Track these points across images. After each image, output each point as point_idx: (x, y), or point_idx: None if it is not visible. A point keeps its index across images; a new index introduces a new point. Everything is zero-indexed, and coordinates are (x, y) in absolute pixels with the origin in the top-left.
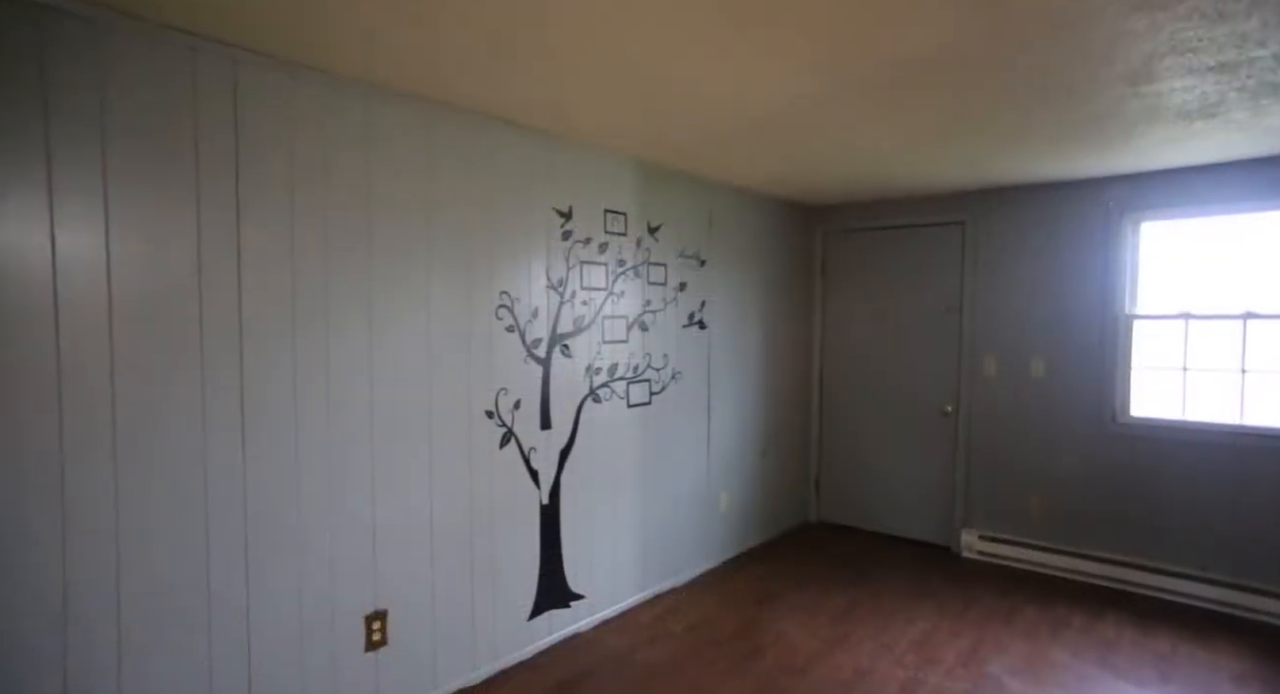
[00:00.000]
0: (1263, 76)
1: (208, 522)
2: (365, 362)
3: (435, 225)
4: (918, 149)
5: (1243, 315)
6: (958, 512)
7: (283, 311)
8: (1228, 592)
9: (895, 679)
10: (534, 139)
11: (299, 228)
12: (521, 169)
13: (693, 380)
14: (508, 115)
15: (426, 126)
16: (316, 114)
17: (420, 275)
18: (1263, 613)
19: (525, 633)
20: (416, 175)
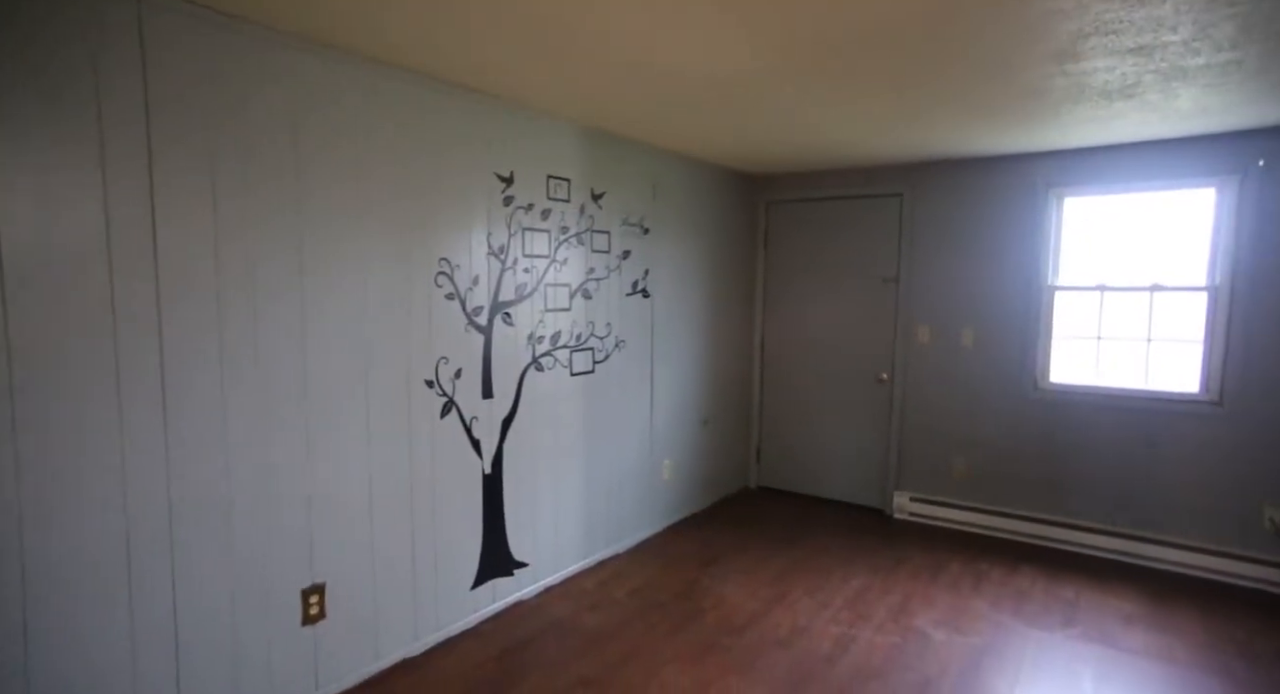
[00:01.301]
0: (1174, 61)
1: (126, 495)
2: (298, 329)
3: (371, 189)
4: (857, 121)
5: (1150, 287)
6: (891, 475)
7: (204, 275)
8: (1128, 542)
9: (830, 635)
10: (475, 101)
11: (222, 187)
12: (462, 132)
13: (636, 349)
14: (449, 76)
15: (365, 86)
16: (242, 68)
17: (356, 241)
18: (1155, 560)
19: (469, 602)
20: (353, 136)
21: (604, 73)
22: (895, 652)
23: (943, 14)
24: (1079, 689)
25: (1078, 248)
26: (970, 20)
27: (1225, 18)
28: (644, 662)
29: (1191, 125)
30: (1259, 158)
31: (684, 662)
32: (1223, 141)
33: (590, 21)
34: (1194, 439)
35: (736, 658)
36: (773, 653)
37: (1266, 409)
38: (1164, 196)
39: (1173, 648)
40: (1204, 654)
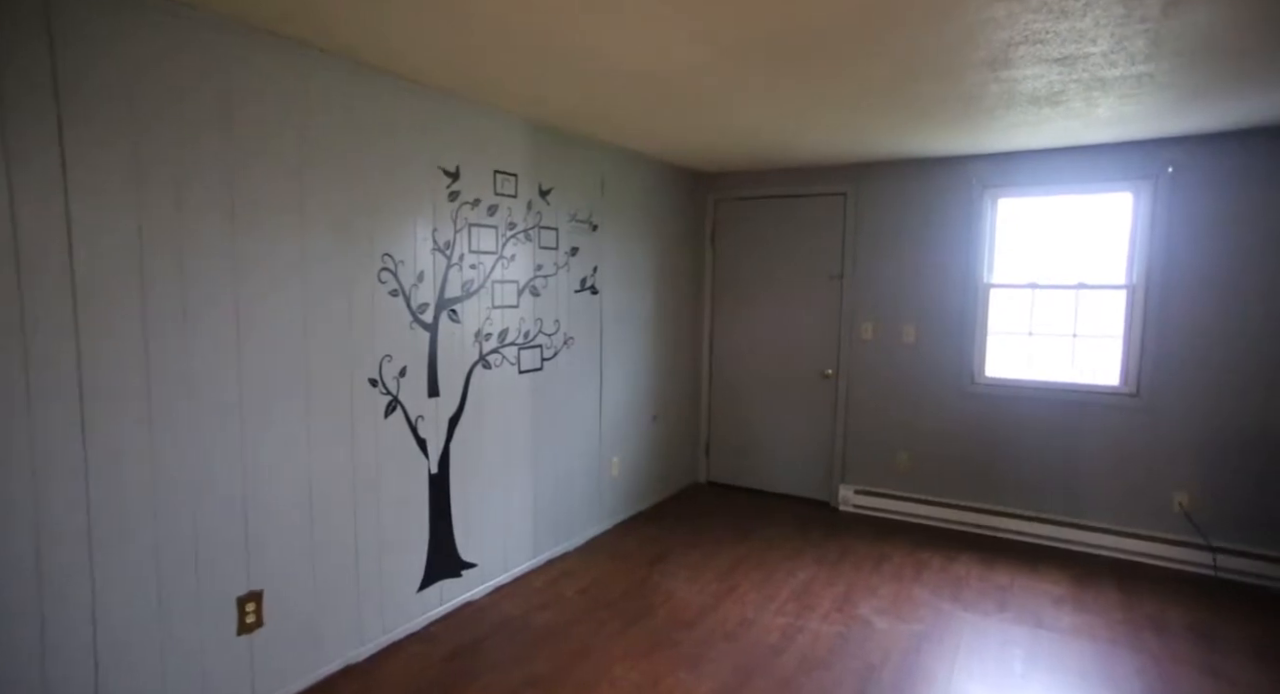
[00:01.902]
0: (1094, 71)
1: (36, 504)
2: (231, 327)
3: (310, 181)
4: (801, 120)
5: (1076, 286)
6: (836, 468)
7: (127, 273)
8: (1056, 528)
9: (777, 627)
10: (420, 94)
11: (146, 179)
12: (406, 126)
13: (585, 346)
14: (392, 68)
15: (301, 74)
16: (169, 54)
17: (293, 235)
18: (1081, 544)
19: (416, 604)
20: (288, 126)
21: (549, 68)
22: (840, 641)
23: (884, 19)
24: (1010, 670)
25: (1011, 247)
26: (910, 26)
27: (1138, 33)
28: (595, 659)
29: (1111, 133)
30: (1169, 165)
31: (634, 658)
32: (1138, 149)
33: (533, 17)
34: (1114, 429)
35: (686, 652)
36: (721, 646)
37: (1177, 400)
38: (1088, 199)
39: (1094, 626)
40: (1121, 630)
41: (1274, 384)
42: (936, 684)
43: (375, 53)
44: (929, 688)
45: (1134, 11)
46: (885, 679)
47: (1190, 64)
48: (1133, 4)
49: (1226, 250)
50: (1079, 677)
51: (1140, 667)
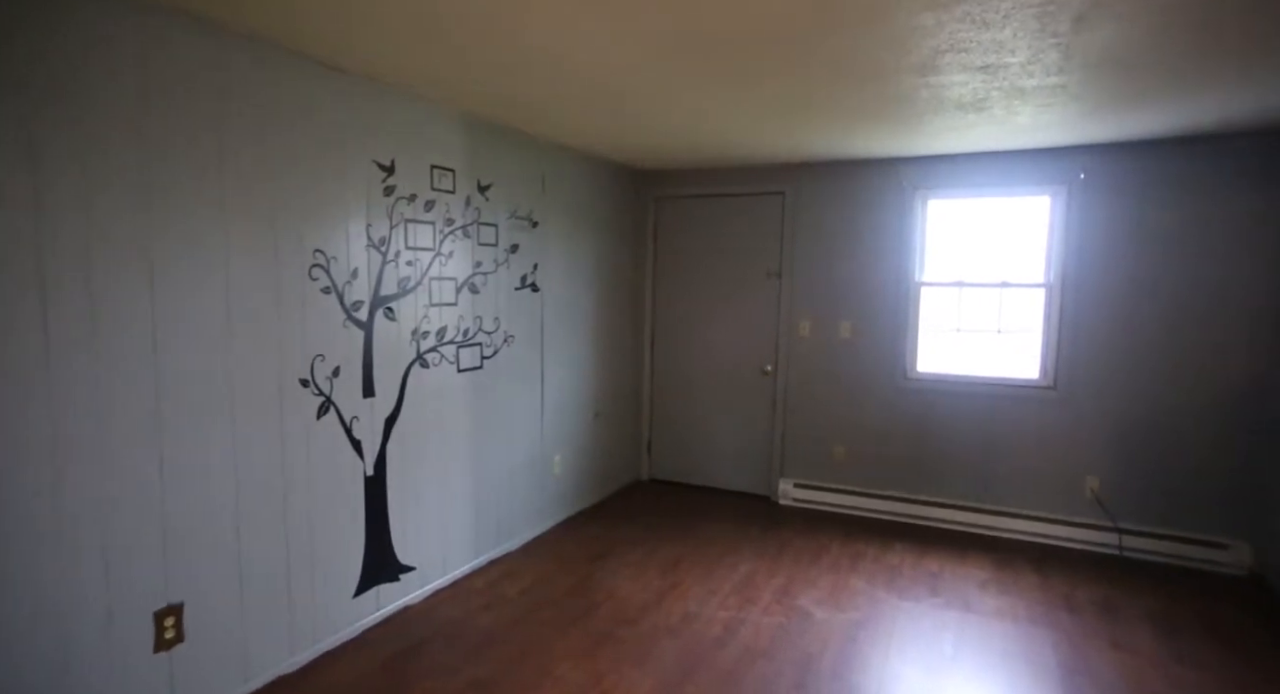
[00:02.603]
0: (1014, 80)
1: None
2: (146, 327)
3: (236, 175)
4: (737, 121)
5: (1000, 284)
6: (775, 463)
7: (23, 274)
8: (983, 516)
9: (719, 620)
10: (352, 85)
11: (46, 172)
12: (337, 117)
13: (526, 344)
14: (320, 56)
15: (225, 62)
16: (68, 33)
17: (217, 231)
18: (1005, 530)
19: (351, 611)
20: (204, 115)
21: (484, 63)
22: (780, 632)
23: (817, 22)
24: (940, 652)
25: (940, 247)
26: (842, 30)
27: (1051, 46)
28: (538, 659)
29: (1030, 139)
30: (1081, 171)
31: (578, 656)
32: (1054, 155)
33: (470, 8)
34: (1034, 420)
35: (630, 649)
36: (664, 641)
37: (1089, 392)
38: (1011, 201)
39: (1015, 607)
40: (1038, 610)
41: (1173, 377)
42: (872, 670)
43: (301, 40)
44: (865, 674)
45: (1047, 26)
46: (824, 668)
47: (1097, 77)
48: (1046, 19)
49: (1131, 252)
50: (1002, 656)
51: (1055, 642)
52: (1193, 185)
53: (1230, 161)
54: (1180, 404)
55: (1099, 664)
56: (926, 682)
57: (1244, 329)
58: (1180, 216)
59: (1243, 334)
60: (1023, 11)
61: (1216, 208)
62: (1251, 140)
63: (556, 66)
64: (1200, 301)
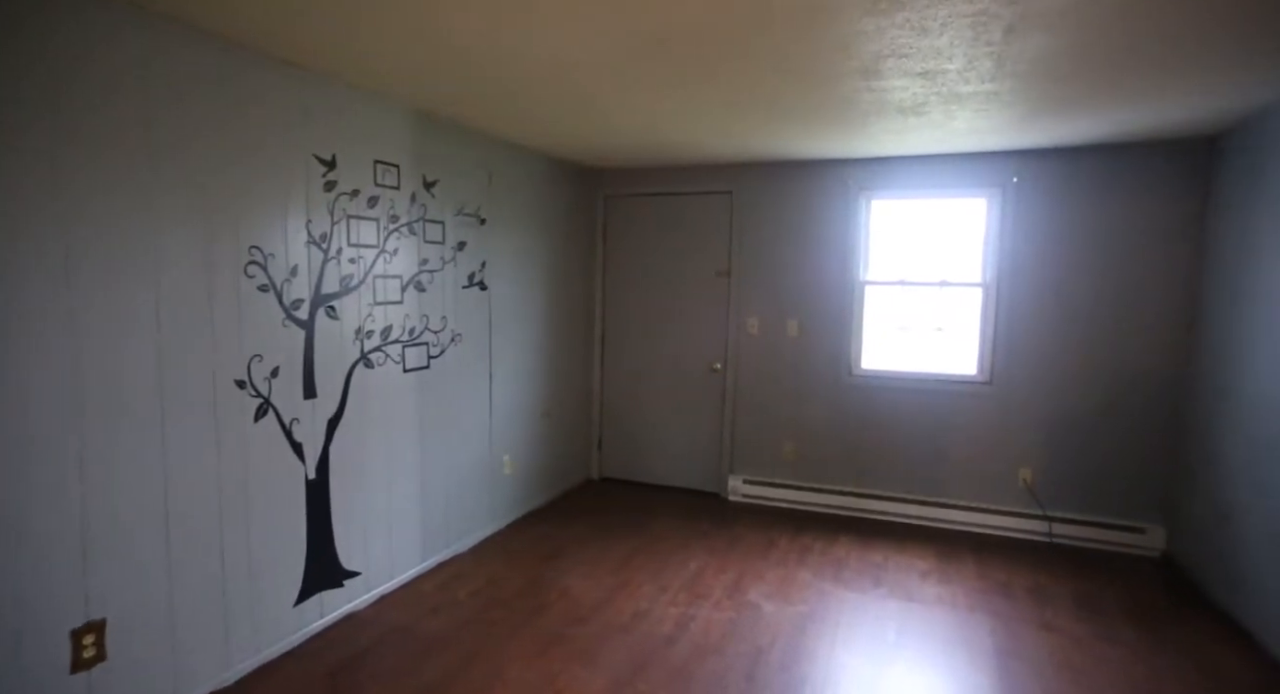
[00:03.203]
0: (951, 86)
1: None
2: (63, 327)
3: (167, 168)
4: (685, 120)
5: (940, 283)
6: (725, 460)
7: None
8: (924, 507)
9: (670, 617)
10: (292, 76)
11: None
12: (276, 110)
13: (474, 343)
14: (258, 45)
15: (147, 45)
16: None
17: (146, 226)
18: (945, 521)
19: (292, 620)
20: (129, 101)
21: (432, 55)
22: (730, 626)
23: (762, 24)
24: (885, 640)
25: (884, 246)
26: (787, 33)
27: (985, 54)
28: (488, 662)
29: (967, 143)
30: (1014, 175)
31: (529, 657)
32: (990, 159)
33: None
34: (972, 415)
35: (581, 648)
36: (616, 639)
37: (1022, 387)
38: (951, 203)
39: (955, 595)
40: (976, 597)
41: (1098, 373)
42: (819, 661)
43: (235, 28)
44: (813, 665)
45: (981, 35)
46: (773, 660)
47: (1028, 85)
48: (980, 28)
49: (1061, 254)
50: (943, 642)
51: (991, 628)
52: (1117, 191)
53: (1151, 170)
54: (1104, 399)
55: (1031, 646)
56: (871, 670)
57: (1160, 329)
58: (1105, 220)
59: (1159, 334)
60: (958, 20)
61: (1138, 213)
62: (1170, 150)
63: (503, 63)
64: (1122, 302)
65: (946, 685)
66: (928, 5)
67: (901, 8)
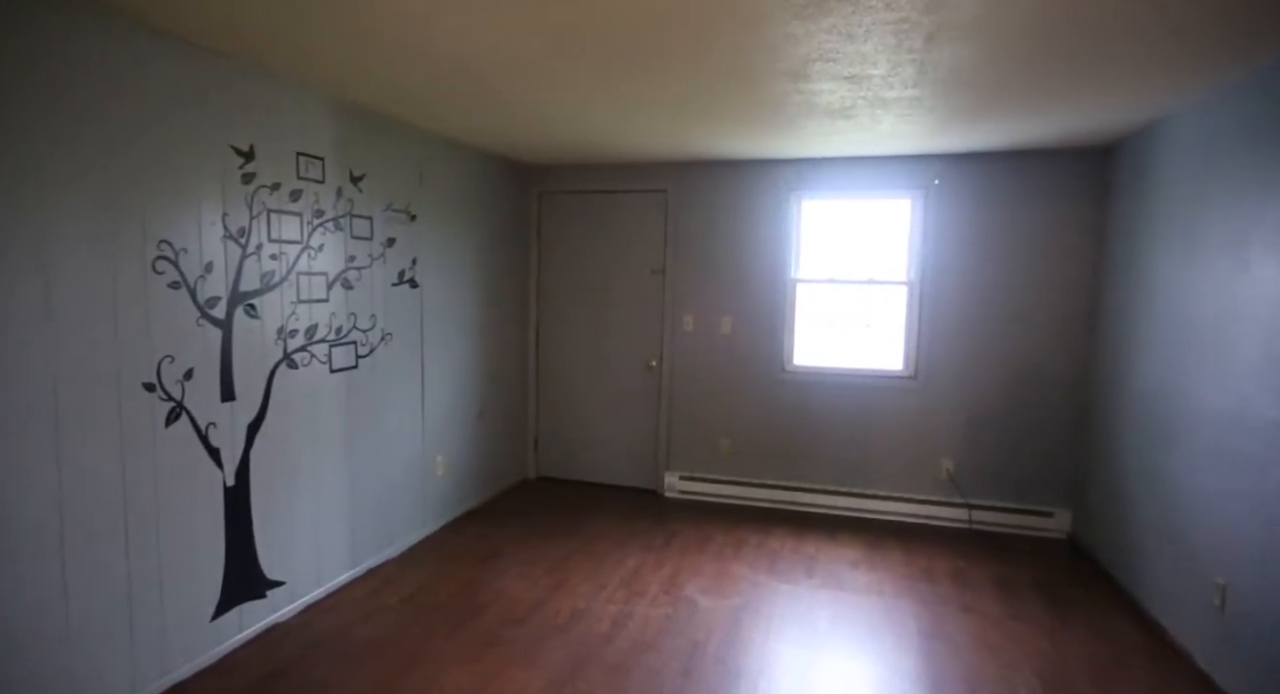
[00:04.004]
0: (876, 91)
1: None
2: None
3: (63, 156)
4: (619, 118)
5: (868, 281)
6: (662, 457)
7: None
8: (855, 499)
9: (607, 615)
10: (205, 62)
11: None
12: (185, 96)
13: (405, 342)
14: (167, 27)
15: (54, 25)
16: None
17: (36, 217)
18: (874, 512)
19: (209, 635)
20: (35, 90)
21: (353, 48)
22: (667, 622)
23: (694, 25)
24: (816, 629)
25: (815, 245)
26: (718, 34)
27: (907, 61)
28: (424, 668)
29: (893, 146)
30: (935, 178)
31: (466, 661)
32: (914, 162)
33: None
34: (898, 409)
35: (518, 649)
36: (553, 639)
37: (945, 381)
38: (878, 203)
39: (882, 583)
40: (902, 584)
41: (1011, 368)
42: (754, 651)
43: (149, 11)
44: (748, 656)
45: (903, 42)
46: (709, 653)
47: (947, 92)
48: (902, 35)
49: (978, 254)
50: (870, 628)
51: (916, 612)
52: (1026, 196)
53: (1055, 176)
54: (1017, 392)
55: (952, 628)
56: (803, 658)
57: (1066, 327)
58: (1016, 223)
59: (1065, 332)
60: (882, 27)
61: (1045, 217)
62: (1071, 158)
63: (439, 58)
64: (1033, 301)
65: (874, 669)
66: (852, 12)
67: (827, 13)
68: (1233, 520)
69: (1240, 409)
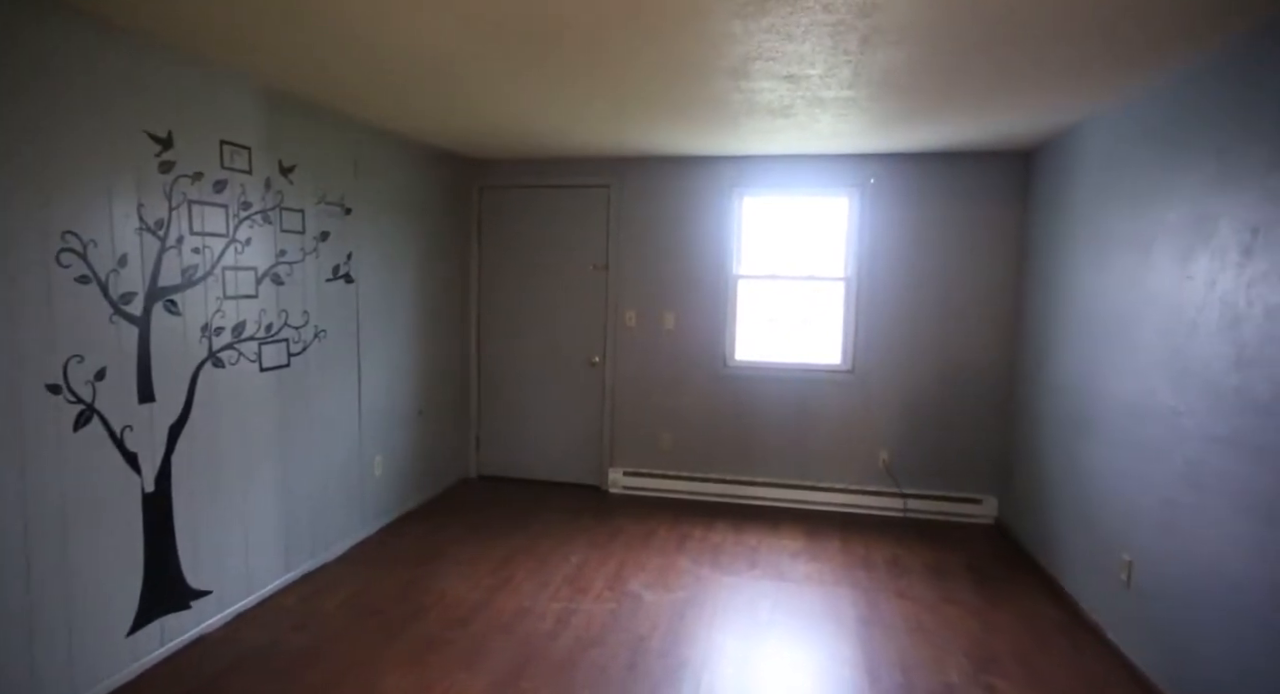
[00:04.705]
0: (814, 91)
1: None
2: None
3: None
4: (562, 113)
5: (808, 277)
6: (605, 453)
7: None
8: (794, 491)
9: (552, 613)
10: (116, 40)
11: None
12: (94, 77)
13: (340, 339)
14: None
15: None
16: None
17: None
18: (814, 503)
19: (125, 652)
20: None
21: (287, 30)
22: (612, 617)
23: (635, 20)
24: (759, 619)
25: (756, 241)
26: (659, 28)
27: (843, 62)
28: (361, 675)
29: (831, 145)
30: (871, 177)
31: (405, 665)
32: (851, 161)
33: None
34: (837, 402)
35: (461, 651)
36: (497, 639)
37: (881, 374)
38: (818, 201)
39: (822, 572)
40: (841, 572)
41: (943, 362)
42: (698, 644)
43: None
44: (692, 648)
45: (839, 44)
46: (654, 647)
47: (881, 94)
48: (838, 37)
49: (911, 252)
50: (810, 616)
51: (854, 600)
52: (959, 195)
53: (982, 178)
54: (949, 385)
55: (888, 613)
56: (746, 648)
57: (993, 323)
58: (948, 222)
59: (993, 327)
60: (819, 29)
61: (973, 217)
62: (996, 161)
63: (368, 46)
64: (963, 297)
65: (813, 656)
66: (791, 12)
67: (767, 13)
68: (1138, 501)
69: (1145, 398)
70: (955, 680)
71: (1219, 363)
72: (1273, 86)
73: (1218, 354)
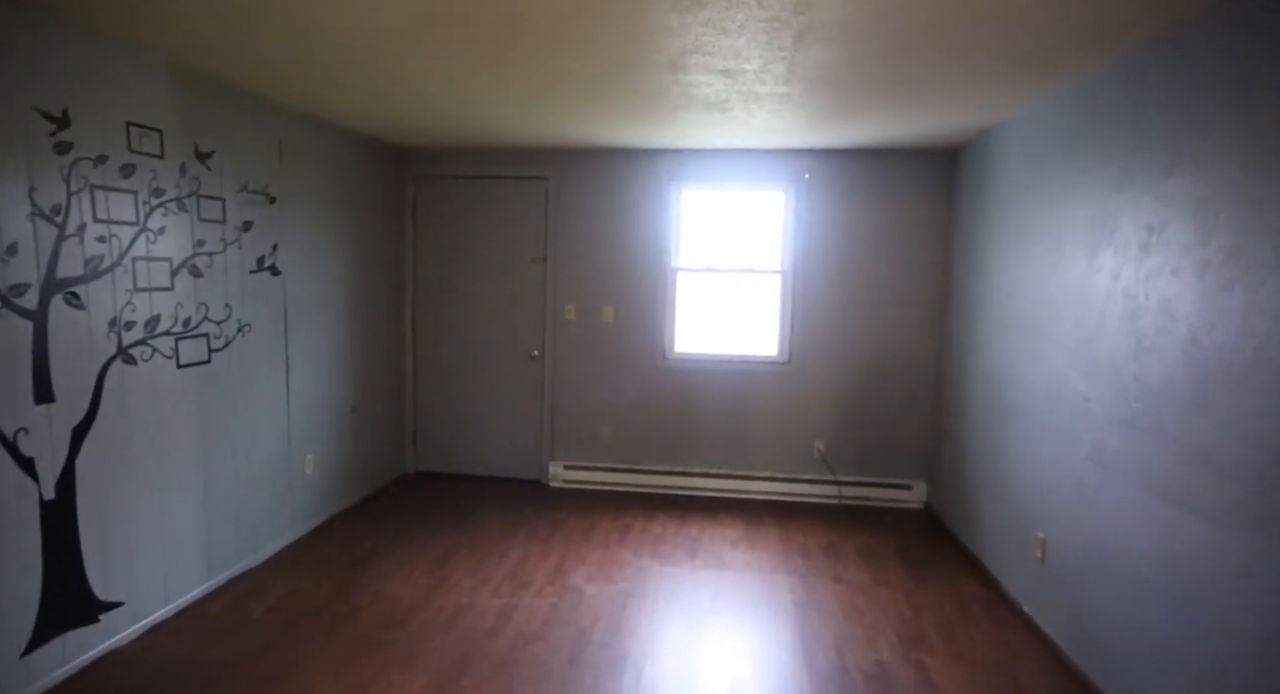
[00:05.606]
0: (750, 86)
1: None
2: None
3: None
4: (499, 101)
5: (745, 270)
6: (545, 446)
7: None
8: (734, 481)
9: (492, 609)
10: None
11: None
12: None
13: (266, 334)
14: None
15: None
16: None
17: None
18: (753, 492)
19: (20, 673)
20: None
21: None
22: (553, 612)
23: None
24: (700, 608)
25: (694, 234)
26: (597, 19)
27: (778, 58)
28: (290, 682)
29: (767, 140)
30: (805, 172)
31: (338, 669)
32: (787, 155)
33: None
34: (773, 393)
35: (398, 651)
36: (436, 638)
37: (816, 366)
38: (755, 194)
39: (761, 560)
40: (779, 559)
41: (875, 353)
42: (640, 635)
43: None
44: (634, 639)
45: (774, 39)
46: (596, 640)
47: (814, 90)
48: (773, 33)
49: (843, 245)
50: (750, 603)
51: (791, 586)
52: (885, 191)
53: (910, 174)
54: (880, 374)
55: (824, 597)
56: (687, 636)
57: (923, 313)
58: (877, 217)
59: (923, 318)
60: (754, 24)
61: (902, 212)
62: (923, 158)
63: (293, 25)
64: (894, 290)
65: (753, 640)
66: (727, 7)
67: (703, 7)
68: (1052, 482)
69: (1059, 385)
70: (886, 658)
71: (1122, 352)
72: (1165, 95)
73: (1121, 343)
